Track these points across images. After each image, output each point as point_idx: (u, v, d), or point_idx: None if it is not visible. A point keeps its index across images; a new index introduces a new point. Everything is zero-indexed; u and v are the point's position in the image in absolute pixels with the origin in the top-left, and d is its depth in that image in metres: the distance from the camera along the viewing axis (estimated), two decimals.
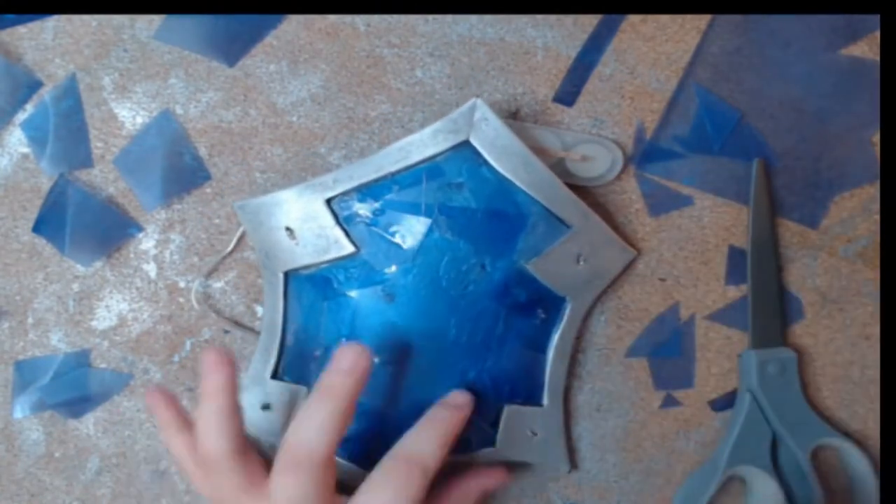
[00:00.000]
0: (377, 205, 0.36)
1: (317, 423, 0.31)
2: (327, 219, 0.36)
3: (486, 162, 0.36)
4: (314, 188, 0.36)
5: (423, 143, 0.36)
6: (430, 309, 0.36)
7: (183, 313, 0.40)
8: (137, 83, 0.39)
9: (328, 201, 0.36)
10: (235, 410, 0.33)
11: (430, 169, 0.36)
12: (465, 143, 0.36)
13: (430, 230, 0.36)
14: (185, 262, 0.40)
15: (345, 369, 0.32)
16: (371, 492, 0.32)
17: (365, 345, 0.33)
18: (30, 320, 0.40)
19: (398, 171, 0.36)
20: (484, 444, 0.39)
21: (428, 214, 0.36)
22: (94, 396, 0.40)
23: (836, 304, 0.41)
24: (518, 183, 0.36)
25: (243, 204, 0.37)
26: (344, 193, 0.36)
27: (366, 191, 0.36)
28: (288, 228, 0.37)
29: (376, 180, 0.36)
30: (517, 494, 0.41)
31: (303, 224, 0.37)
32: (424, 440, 0.34)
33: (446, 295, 0.36)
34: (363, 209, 0.36)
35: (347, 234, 0.36)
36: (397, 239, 0.36)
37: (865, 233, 0.41)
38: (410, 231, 0.36)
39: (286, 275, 0.38)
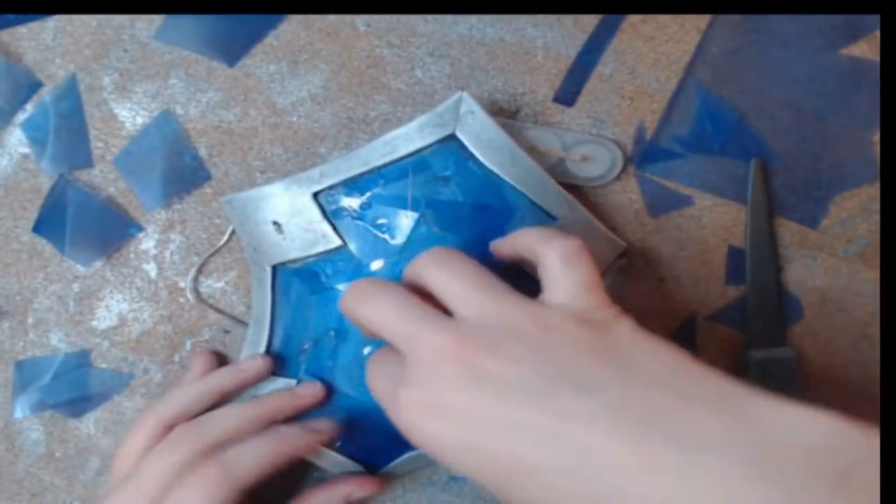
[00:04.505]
0: (364, 199, 0.36)
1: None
2: (314, 213, 0.36)
3: (472, 155, 0.36)
4: (301, 182, 0.36)
5: (409, 137, 0.36)
6: None
7: (183, 313, 0.40)
8: (137, 83, 0.39)
9: (315, 195, 0.36)
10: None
11: (416, 163, 0.36)
12: (452, 137, 0.36)
13: (417, 224, 0.36)
14: (185, 262, 0.40)
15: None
16: (179, 485, 0.31)
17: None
18: (30, 320, 0.40)
19: (384, 165, 0.36)
20: None
21: (415, 208, 0.36)
22: (94, 396, 0.40)
23: (836, 304, 0.41)
24: (505, 176, 0.36)
25: (230, 199, 0.37)
26: (331, 187, 0.36)
27: (352, 185, 0.36)
28: (275, 223, 0.37)
29: (363, 174, 0.36)
30: None
31: (290, 218, 0.37)
32: (251, 452, 0.32)
33: None
34: (350, 203, 0.36)
35: (335, 228, 0.36)
36: (384, 233, 0.36)
37: (865, 233, 0.41)
38: (398, 225, 0.36)
39: (274, 269, 0.38)
